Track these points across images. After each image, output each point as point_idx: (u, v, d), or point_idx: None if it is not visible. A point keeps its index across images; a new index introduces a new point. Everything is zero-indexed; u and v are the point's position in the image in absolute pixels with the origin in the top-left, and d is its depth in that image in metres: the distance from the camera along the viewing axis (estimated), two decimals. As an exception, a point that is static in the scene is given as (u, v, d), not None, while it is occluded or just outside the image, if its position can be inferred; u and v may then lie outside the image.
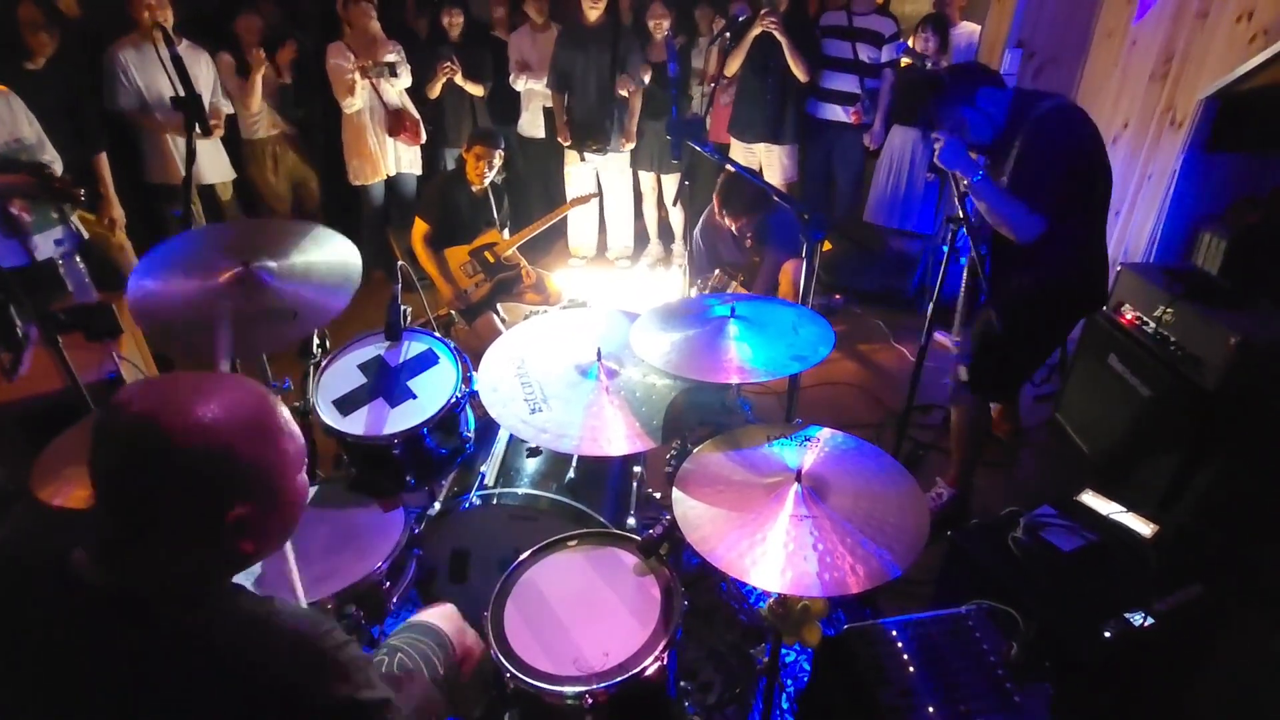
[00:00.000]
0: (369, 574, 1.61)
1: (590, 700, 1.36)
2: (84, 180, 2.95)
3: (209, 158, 3.69)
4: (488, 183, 3.48)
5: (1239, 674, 1.99)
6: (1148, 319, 2.67)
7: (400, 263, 2.13)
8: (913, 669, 1.49)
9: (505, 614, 1.50)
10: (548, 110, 4.57)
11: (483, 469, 2.03)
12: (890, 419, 3.28)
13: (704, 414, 2.52)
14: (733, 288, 3.58)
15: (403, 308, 2.03)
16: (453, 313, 3.56)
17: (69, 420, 1.63)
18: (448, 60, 4.08)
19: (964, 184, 2.17)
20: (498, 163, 3.44)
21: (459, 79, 4.15)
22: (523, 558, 1.62)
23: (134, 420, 0.80)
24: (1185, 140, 3.05)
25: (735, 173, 3.39)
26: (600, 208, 4.74)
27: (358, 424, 1.88)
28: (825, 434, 1.54)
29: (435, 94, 4.23)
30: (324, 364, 2.01)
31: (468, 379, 1.97)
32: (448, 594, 1.92)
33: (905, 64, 4.06)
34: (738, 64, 4.06)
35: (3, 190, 2.60)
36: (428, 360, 2.03)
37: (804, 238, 1.86)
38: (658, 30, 4.18)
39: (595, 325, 2.02)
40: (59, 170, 2.75)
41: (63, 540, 0.88)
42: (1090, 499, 1.97)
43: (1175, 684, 1.84)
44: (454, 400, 1.91)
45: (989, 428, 2.83)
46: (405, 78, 4.05)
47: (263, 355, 1.97)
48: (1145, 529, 1.84)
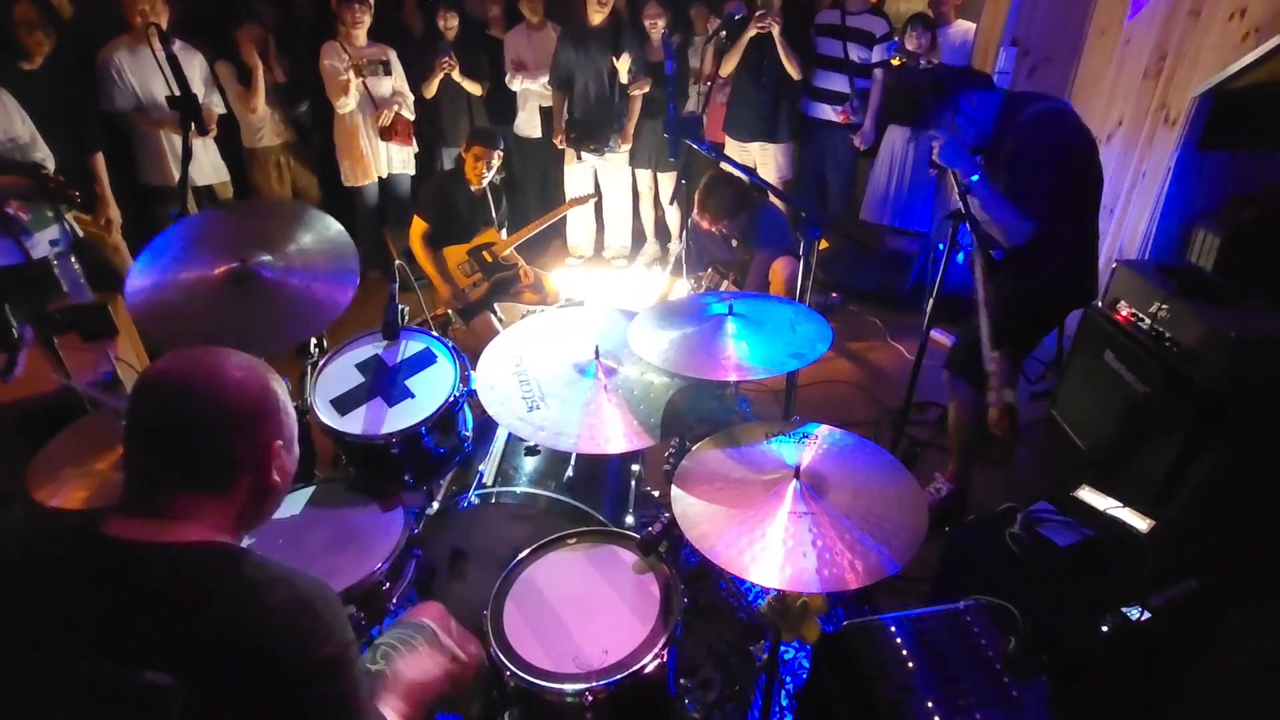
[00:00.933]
0: (369, 574, 1.61)
1: (590, 698, 1.36)
2: (81, 181, 2.94)
3: (204, 159, 3.68)
4: (486, 183, 3.48)
5: (1234, 668, 2.00)
6: (1143, 316, 2.69)
7: (397, 262, 2.12)
8: (911, 665, 1.49)
9: (505, 612, 1.50)
10: (544, 110, 4.57)
11: (481, 468, 2.03)
12: (887, 416, 3.29)
13: (702, 412, 2.52)
14: (725, 286, 3.59)
15: (400, 307, 2.03)
16: (450, 312, 3.56)
17: (65, 421, 1.63)
18: (445, 56, 4.07)
19: (962, 182, 2.18)
20: (497, 163, 3.43)
21: (456, 75, 4.14)
22: (522, 556, 1.62)
23: (186, 378, 0.94)
24: (1179, 138, 3.06)
25: (713, 177, 3.41)
26: (598, 207, 4.74)
27: (356, 423, 1.88)
28: (823, 431, 1.55)
29: (432, 92, 4.22)
30: (321, 363, 2.00)
31: (465, 378, 1.97)
32: (447, 593, 1.92)
33: (897, 63, 4.06)
34: (733, 64, 4.07)
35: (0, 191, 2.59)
36: (426, 359, 2.03)
37: (800, 236, 1.87)
38: (654, 29, 4.18)
39: (593, 323, 2.01)
40: (52, 169, 2.74)
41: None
42: (1087, 494, 1.97)
43: (1172, 678, 1.85)
44: (452, 399, 1.91)
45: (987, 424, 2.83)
46: (398, 76, 4.05)
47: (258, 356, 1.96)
48: (1142, 524, 1.85)
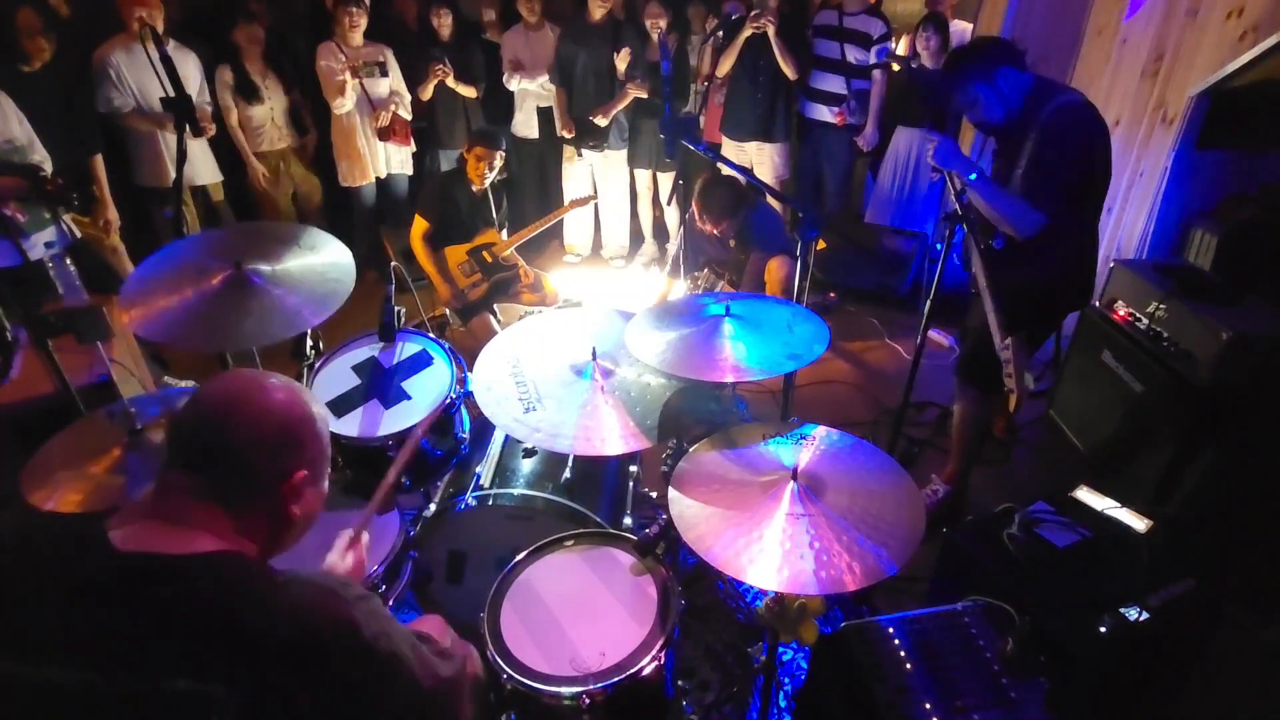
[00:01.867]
0: (365, 577, 1.60)
1: (587, 700, 1.36)
2: (80, 182, 2.94)
3: (200, 159, 3.67)
4: (488, 183, 3.48)
5: (1232, 667, 2.00)
6: (1140, 315, 2.69)
7: (394, 264, 2.12)
8: (909, 666, 1.49)
9: (502, 615, 1.50)
10: (541, 110, 4.56)
11: (478, 470, 2.02)
12: (885, 417, 3.29)
13: (699, 413, 2.51)
14: (721, 287, 3.59)
15: (396, 309, 2.03)
16: (448, 313, 3.56)
17: (60, 424, 1.62)
18: (439, 62, 4.07)
19: (959, 182, 2.18)
20: (498, 164, 3.43)
21: (450, 81, 4.14)
22: (519, 558, 1.62)
23: (228, 392, 0.96)
24: (1176, 137, 3.06)
25: (711, 178, 3.40)
26: (596, 207, 4.73)
27: (352, 425, 1.87)
28: (821, 432, 1.54)
29: (427, 96, 4.22)
30: (318, 365, 2.00)
31: (462, 380, 1.96)
32: (444, 596, 1.92)
33: (897, 68, 4.06)
34: (729, 64, 4.06)
35: None
36: (422, 361, 2.03)
37: (797, 236, 1.86)
38: (655, 30, 4.18)
39: (590, 324, 2.01)
40: (50, 171, 2.73)
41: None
42: (1084, 495, 1.97)
43: (1169, 677, 1.85)
44: (449, 401, 1.90)
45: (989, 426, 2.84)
46: (395, 76, 4.04)
47: (255, 356, 1.96)
48: (1139, 524, 1.84)
